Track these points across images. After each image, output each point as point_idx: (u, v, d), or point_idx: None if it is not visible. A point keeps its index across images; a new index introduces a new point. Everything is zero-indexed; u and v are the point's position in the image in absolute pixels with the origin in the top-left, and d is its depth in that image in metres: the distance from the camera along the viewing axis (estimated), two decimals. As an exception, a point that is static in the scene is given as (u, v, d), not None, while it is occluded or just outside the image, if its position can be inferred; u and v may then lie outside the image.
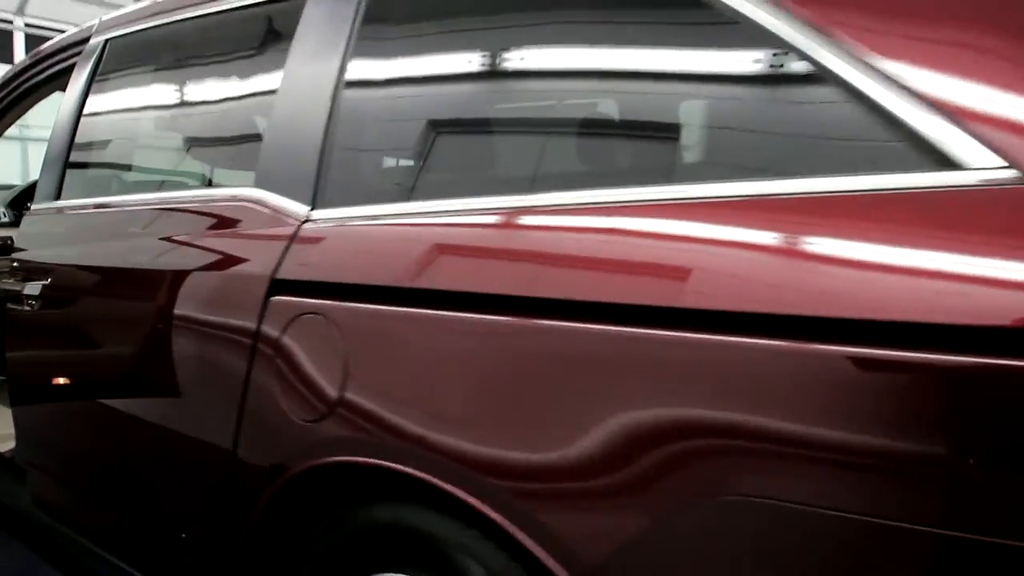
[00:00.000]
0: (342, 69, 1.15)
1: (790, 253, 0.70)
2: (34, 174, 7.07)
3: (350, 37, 1.16)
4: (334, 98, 1.14)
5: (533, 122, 1.03)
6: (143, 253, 1.37)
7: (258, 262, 1.14)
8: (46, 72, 1.98)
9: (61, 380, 1.58)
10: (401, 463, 0.92)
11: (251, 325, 1.11)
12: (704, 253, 0.74)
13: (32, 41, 8.33)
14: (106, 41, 1.70)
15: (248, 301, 1.13)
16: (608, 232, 0.81)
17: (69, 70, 1.88)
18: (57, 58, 1.92)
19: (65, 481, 1.62)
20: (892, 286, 0.63)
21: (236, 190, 1.27)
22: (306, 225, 1.11)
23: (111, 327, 1.43)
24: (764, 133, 0.79)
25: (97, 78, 1.70)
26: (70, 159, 1.71)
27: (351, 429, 0.98)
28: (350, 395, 0.98)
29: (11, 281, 1.71)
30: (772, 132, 0.78)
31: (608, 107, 0.95)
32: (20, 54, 8.45)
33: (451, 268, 0.92)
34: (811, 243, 0.69)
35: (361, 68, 1.15)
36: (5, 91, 2.10)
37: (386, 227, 1.02)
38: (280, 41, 1.28)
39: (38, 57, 2.00)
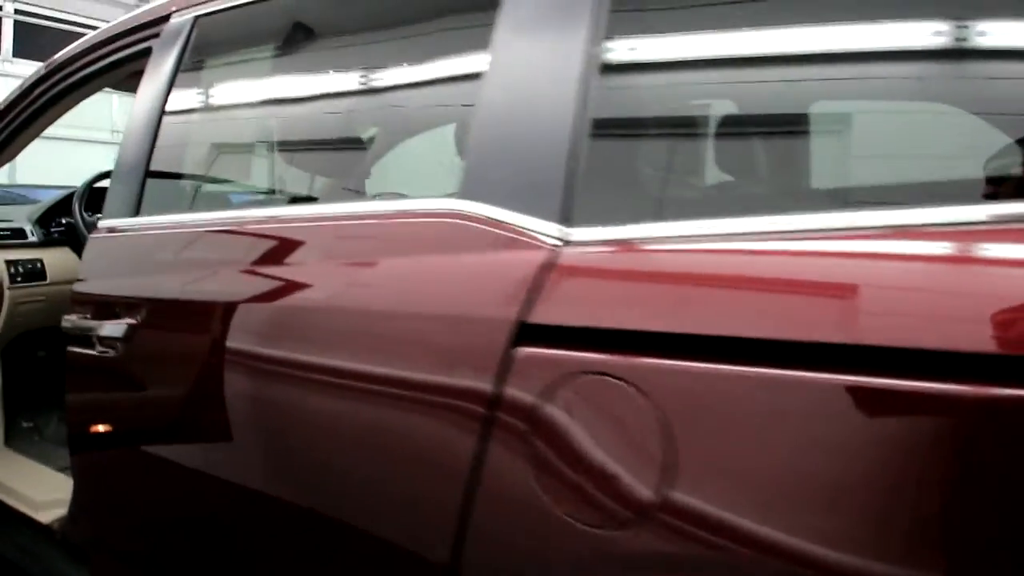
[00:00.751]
0: (593, 41, 0.86)
1: None
2: (23, 176, 6.53)
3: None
4: (585, 82, 0.85)
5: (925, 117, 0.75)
6: (283, 284, 1.07)
7: (491, 300, 0.84)
8: (98, 64, 1.64)
9: (160, 445, 1.26)
10: None
11: (485, 386, 0.82)
12: None
13: (21, 28, 7.83)
14: (195, 19, 1.39)
15: (478, 354, 0.83)
16: None
17: (129, 60, 1.56)
18: (116, 45, 1.59)
19: None
20: None
21: (430, 202, 0.97)
22: (568, 249, 0.82)
23: (240, 381, 1.11)
24: None
25: (184, 66, 1.38)
26: (151, 167, 1.39)
27: (677, 542, 0.70)
28: (680, 493, 0.70)
29: (73, 319, 1.40)
30: None
31: None
32: (8, 41, 7.91)
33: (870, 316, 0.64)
34: None
35: (621, 41, 0.86)
36: (43, 87, 1.77)
37: (722, 253, 0.74)
38: (471, 7, 0.99)
39: (88, 45, 1.66)
